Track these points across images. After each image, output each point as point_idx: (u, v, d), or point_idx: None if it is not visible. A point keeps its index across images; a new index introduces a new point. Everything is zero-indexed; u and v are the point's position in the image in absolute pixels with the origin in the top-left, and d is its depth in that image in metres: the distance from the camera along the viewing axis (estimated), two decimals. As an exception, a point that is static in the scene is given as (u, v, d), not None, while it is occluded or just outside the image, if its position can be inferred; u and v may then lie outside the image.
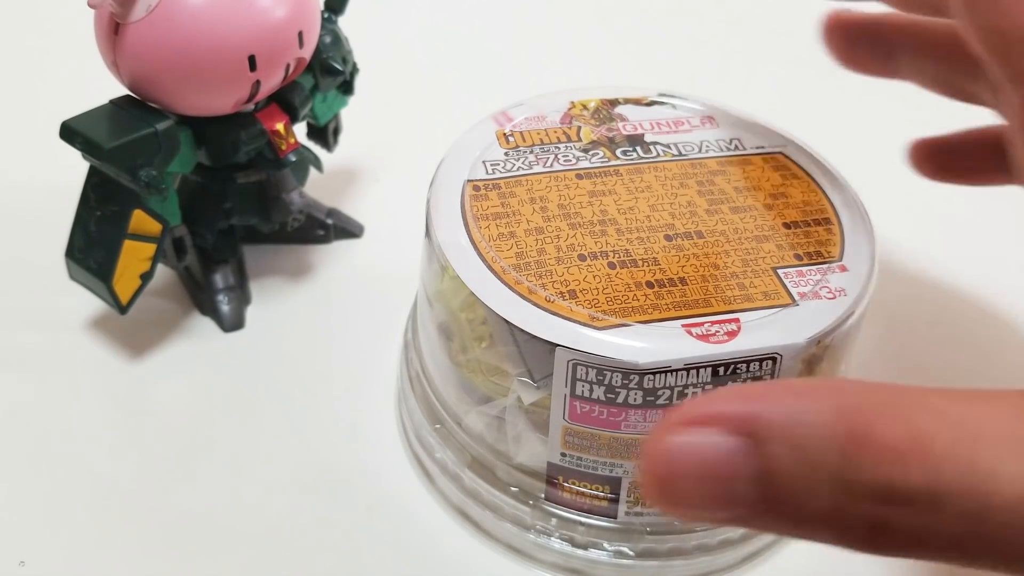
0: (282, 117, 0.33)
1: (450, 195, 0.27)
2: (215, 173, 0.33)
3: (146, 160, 0.29)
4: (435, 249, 0.26)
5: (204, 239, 0.34)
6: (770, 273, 0.25)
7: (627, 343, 0.23)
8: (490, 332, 0.25)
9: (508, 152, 0.29)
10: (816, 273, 0.25)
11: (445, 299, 0.26)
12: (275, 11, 0.29)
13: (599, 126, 0.30)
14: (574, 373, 0.23)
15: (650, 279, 0.25)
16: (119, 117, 0.30)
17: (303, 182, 0.36)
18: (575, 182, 0.28)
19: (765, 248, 0.26)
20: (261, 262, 0.37)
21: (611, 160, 0.29)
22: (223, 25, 0.28)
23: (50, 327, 0.34)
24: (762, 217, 0.27)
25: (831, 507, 0.16)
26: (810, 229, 0.27)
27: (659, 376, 0.23)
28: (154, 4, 0.28)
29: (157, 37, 0.28)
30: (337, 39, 0.34)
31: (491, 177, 0.28)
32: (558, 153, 0.29)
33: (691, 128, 0.30)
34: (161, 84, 0.29)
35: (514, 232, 0.26)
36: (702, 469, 0.17)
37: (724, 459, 0.17)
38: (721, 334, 0.23)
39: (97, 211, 0.31)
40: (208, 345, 0.34)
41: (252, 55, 0.29)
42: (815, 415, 0.16)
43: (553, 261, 0.25)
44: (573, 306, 0.24)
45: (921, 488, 0.16)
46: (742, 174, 0.28)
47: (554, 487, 0.26)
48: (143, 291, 0.32)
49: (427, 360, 0.29)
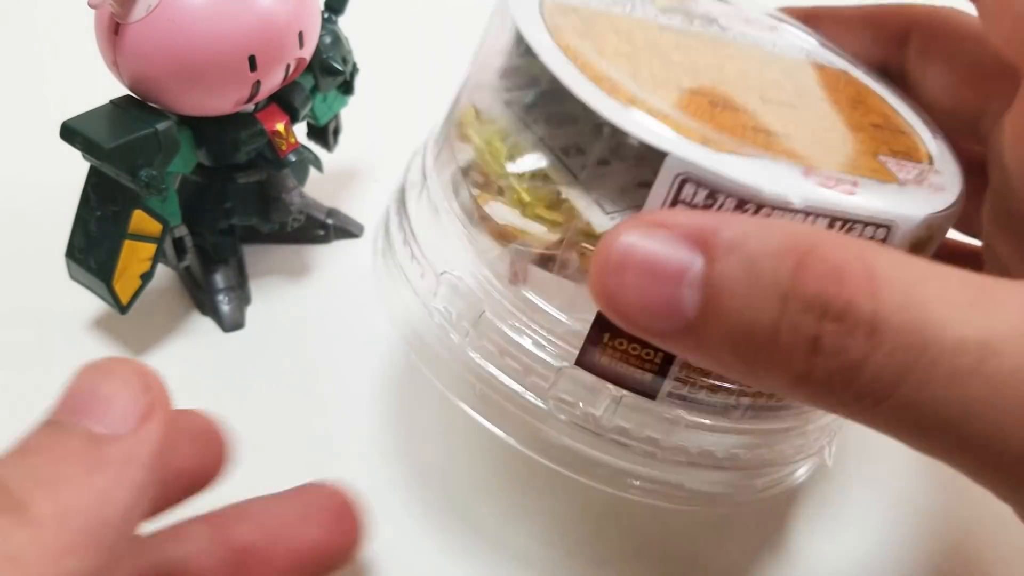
0: (282, 117, 0.33)
1: (525, 7, 0.23)
2: (215, 173, 0.33)
3: (146, 160, 0.29)
4: (504, 37, 0.23)
5: (204, 239, 0.34)
6: (871, 156, 0.23)
7: (746, 169, 0.20)
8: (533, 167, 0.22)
9: None
10: (914, 169, 0.23)
11: (484, 131, 0.24)
12: (275, 11, 0.29)
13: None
14: (679, 192, 0.20)
15: (755, 124, 0.22)
16: (119, 117, 0.30)
17: (303, 182, 0.36)
18: (658, 32, 0.25)
19: (859, 137, 0.24)
20: (261, 262, 0.37)
21: (690, 26, 0.26)
22: (223, 25, 0.28)
23: (50, 327, 0.34)
24: (849, 113, 0.25)
25: (772, 320, 0.16)
26: (897, 134, 0.25)
27: (776, 212, 0.20)
28: (154, 4, 0.28)
29: (157, 37, 0.28)
30: (337, 39, 0.34)
31: (566, 2, 0.24)
32: (635, 4, 0.26)
33: (760, 31, 0.28)
34: (161, 84, 0.29)
35: (602, 50, 0.22)
36: (649, 266, 0.17)
37: (673, 260, 0.17)
38: (841, 187, 0.21)
39: (97, 211, 0.31)
40: (208, 345, 0.34)
41: (252, 55, 0.29)
42: (769, 236, 0.17)
43: (649, 85, 0.22)
44: (679, 126, 0.20)
45: (863, 309, 0.16)
46: (819, 75, 0.27)
47: (595, 346, 0.22)
48: (143, 291, 0.32)
49: (422, 225, 0.26)
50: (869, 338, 0.16)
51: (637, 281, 0.17)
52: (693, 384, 0.22)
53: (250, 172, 0.34)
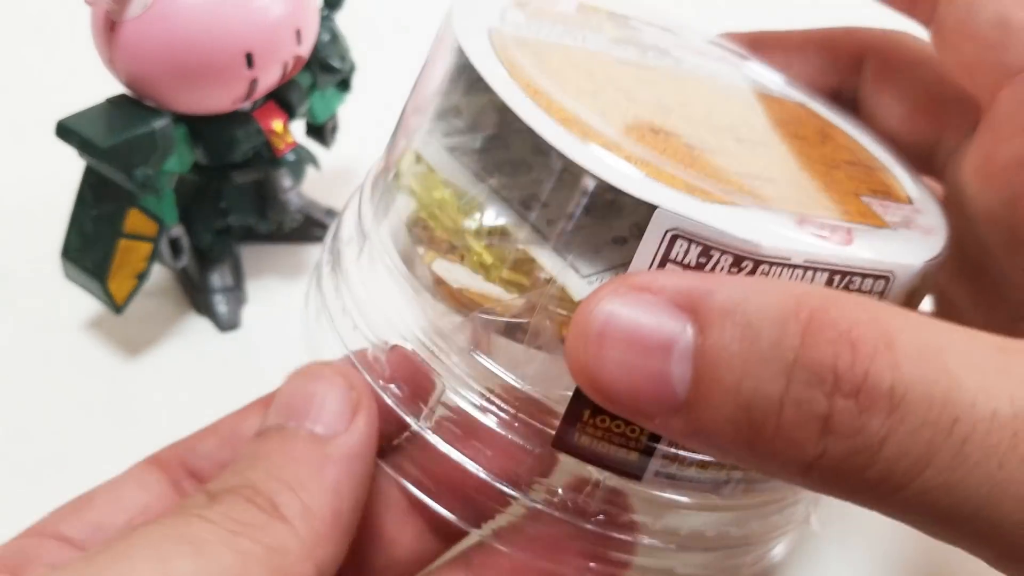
0: (280, 115, 0.33)
1: (475, 38, 0.21)
2: (212, 172, 0.33)
3: (142, 159, 0.29)
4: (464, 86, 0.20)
5: (201, 239, 0.34)
6: (855, 198, 0.21)
7: (740, 222, 0.17)
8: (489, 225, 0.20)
9: (530, 19, 0.22)
10: (898, 210, 0.21)
11: (427, 181, 0.21)
12: (272, 8, 0.29)
13: (619, 28, 0.25)
14: (669, 250, 0.17)
15: (737, 169, 0.20)
16: (116, 116, 0.29)
17: (301, 181, 0.36)
18: (616, 66, 0.22)
19: (837, 175, 0.22)
20: (258, 261, 0.37)
21: (644, 57, 0.23)
22: (220, 23, 0.28)
23: (45, 326, 0.34)
24: (820, 148, 0.23)
25: (776, 395, 0.14)
26: (871, 171, 0.23)
27: (775, 270, 0.17)
28: (150, 2, 0.28)
29: (153, 35, 0.28)
30: (335, 37, 0.34)
31: (517, 35, 0.21)
32: (585, 35, 0.23)
33: (711, 62, 0.26)
34: (157, 82, 0.29)
35: (564, 87, 0.20)
36: (633, 338, 0.15)
37: (659, 331, 0.15)
38: (837, 236, 0.19)
39: (93, 210, 0.31)
40: (204, 345, 0.34)
41: (249, 53, 0.29)
42: (768, 297, 0.15)
43: (620, 127, 0.19)
44: (661, 174, 0.18)
45: (881, 381, 0.14)
46: (782, 108, 0.25)
47: (572, 426, 0.19)
48: (139, 291, 0.32)
49: (361, 289, 0.23)
50: (889, 415, 0.14)
51: (620, 356, 0.16)
52: (683, 461, 0.19)
53: (247, 171, 0.34)
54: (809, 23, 0.27)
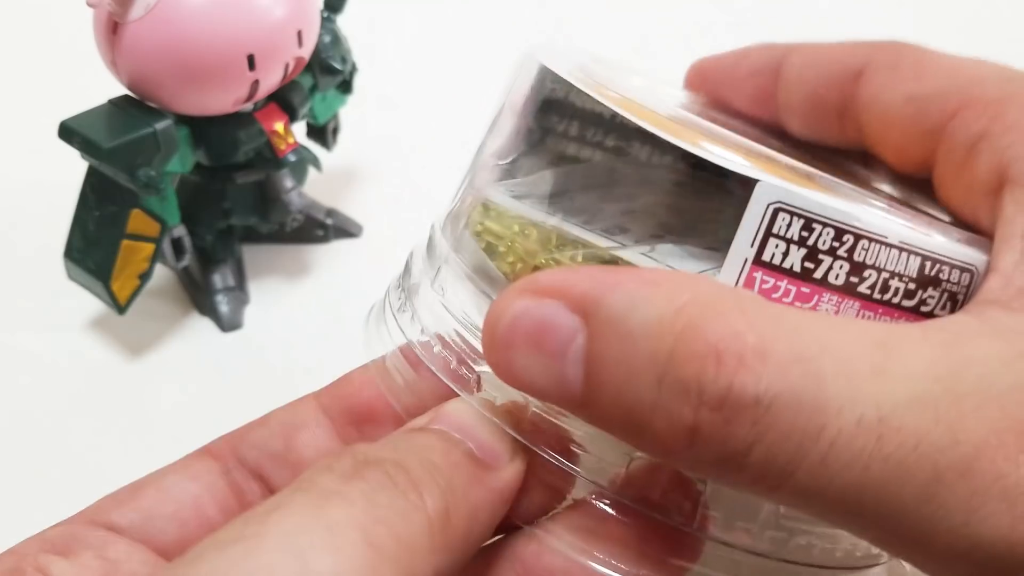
0: (281, 117, 0.33)
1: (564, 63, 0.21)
2: (214, 173, 0.33)
3: (145, 160, 0.29)
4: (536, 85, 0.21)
5: (203, 239, 0.34)
6: (909, 205, 0.22)
7: (838, 199, 0.18)
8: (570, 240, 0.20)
9: (610, 71, 0.23)
10: (947, 216, 0.22)
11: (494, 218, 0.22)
12: (274, 10, 0.29)
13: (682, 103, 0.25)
14: (771, 223, 0.18)
15: (808, 172, 0.20)
16: (118, 117, 0.29)
17: (302, 182, 0.36)
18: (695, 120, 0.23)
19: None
20: (260, 262, 0.37)
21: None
22: (222, 24, 0.28)
23: (49, 327, 0.34)
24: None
25: (650, 402, 0.15)
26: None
27: (873, 248, 0.18)
28: (152, 3, 0.28)
29: (156, 37, 0.28)
30: (336, 38, 0.34)
31: (600, 81, 0.22)
32: (660, 98, 0.24)
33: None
34: (160, 83, 0.29)
35: (656, 112, 0.20)
36: (536, 338, 0.16)
37: (558, 333, 0.16)
38: (924, 225, 0.19)
39: (96, 211, 0.31)
40: (206, 345, 0.34)
41: (251, 54, 0.29)
42: (654, 305, 0.16)
43: (719, 135, 0.20)
44: (756, 159, 0.18)
45: (746, 393, 0.15)
46: None
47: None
48: (141, 291, 0.32)
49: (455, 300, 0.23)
50: (755, 424, 0.15)
51: (526, 355, 0.17)
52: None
53: (249, 172, 0.34)
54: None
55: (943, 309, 0.19)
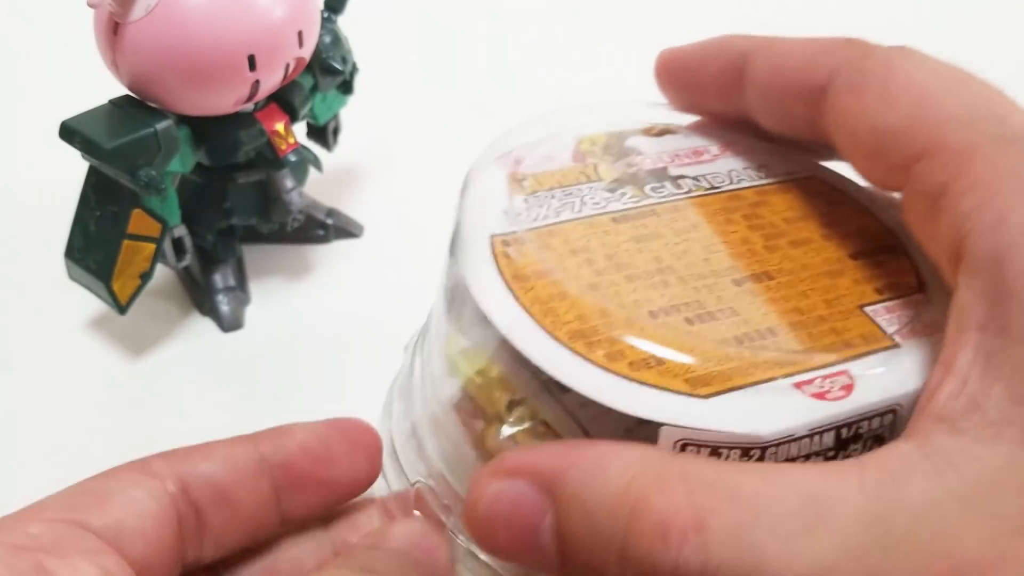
0: (282, 117, 0.33)
1: (477, 256, 0.22)
2: (215, 173, 0.33)
3: (146, 160, 0.29)
4: (474, 319, 0.22)
5: (204, 239, 0.34)
6: (858, 313, 0.21)
7: (740, 412, 0.19)
8: (532, 414, 0.21)
9: (528, 199, 0.23)
10: (902, 307, 0.21)
11: (465, 369, 0.23)
12: (274, 11, 0.29)
13: (616, 162, 0.25)
14: (683, 451, 0.19)
15: (736, 333, 0.21)
16: (118, 117, 0.30)
17: (303, 182, 0.36)
18: (613, 227, 0.23)
19: (841, 284, 0.22)
20: (260, 262, 0.37)
21: (643, 198, 0.24)
22: (222, 25, 0.28)
23: (50, 327, 0.34)
24: (824, 249, 0.23)
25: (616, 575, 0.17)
26: (878, 258, 0.23)
27: (783, 447, 0.19)
28: (153, 4, 0.28)
29: (156, 37, 0.28)
30: (337, 39, 0.34)
31: (517, 230, 0.23)
32: (583, 196, 0.24)
33: (712, 157, 0.26)
34: (160, 84, 0.29)
35: (565, 293, 0.21)
36: (511, 518, 0.18)
37: (529, 511, 0.18)
38: (836, 389, 0.19)
39: (96, 211, 0.31)
40: (207, 345, 0.34)
41: (252, 55, 0.29)
42: (608, 482, 0.17)
43: (621, 323, 0.20)
44: (662, 374, 0.19)
45: (691, 567, 0.16)
46: (785, 203, 0.25)
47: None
48: (142, 291, 0.32)
49: (431, 447, 0.24)
50: None
51: (505, 532, 0.18)
52: None
53: (250, 172, 0.34)
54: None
55: (868, 451, 0.18)
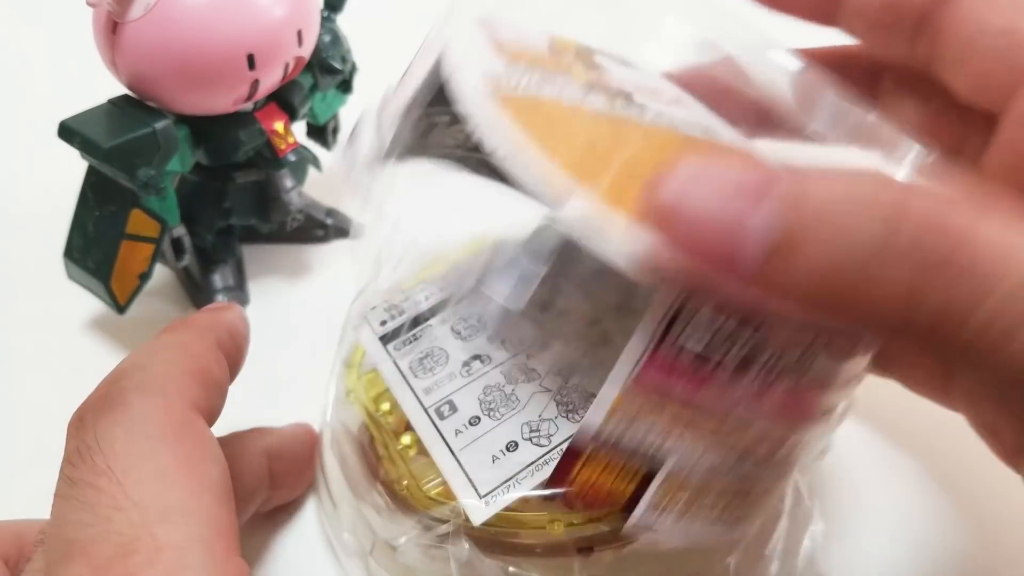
0: (281, 116, 0.33)
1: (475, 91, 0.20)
2: (214, 172, 0.33)
3: (144, 160, 0.29)
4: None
5: (203, 239, 0.34)
6: None
7: None
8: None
9: (509, 67, 0.21)
10: None
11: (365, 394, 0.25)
12: (274, 10, 0.29)
13: (587, 71, 0.24)
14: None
15: None
16: (117, 116, 0.29)
17: (302, 181, 0.36)
18: (595, 120, 0.21)
19: None
20: (260, 262, 0.37)
21: (614, 109, 0.23)
22: (222, 24, 0.28)
23: (48, 327, 0.34)
24: None
25: (877, 244, 0.15)
26: None
27: None
28: (152, 3, 0.28)
29: (155, 36, 0.28)
30: (336, 38, 0.34)
31: (501, 88, 0.21)
32: (560, 86, 0.22)
33: (667, 103, 0.24)
34: (159, 83, 0.29)
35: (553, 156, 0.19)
36: (728, 179, 0.15)
37: (755, 177, 0.15)
38: None
39: (95, 211, 0.31)
40: (207, 345, 0.34)
41: (251, 54, 0.29)
42: (868, 184, 0.15)
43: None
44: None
45: (969, 256, 0.15)
46: None
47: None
48: (141, 291, 0.32)
49: (334, 482, 0.27)
50: (978, 286, 0.15)
51: (710, 193, 0.15)
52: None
53: (249, 171, 0.34)
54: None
55: None
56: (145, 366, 0.21)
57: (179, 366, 0.22)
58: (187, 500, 0.18)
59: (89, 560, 0.17)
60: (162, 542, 0.17)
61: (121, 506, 0.18)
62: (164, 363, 0.21)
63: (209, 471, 0.20)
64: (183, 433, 0.20)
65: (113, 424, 0.20)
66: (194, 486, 0.19)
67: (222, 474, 0.20)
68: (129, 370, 0.21)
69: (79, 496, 0.18)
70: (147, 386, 0.21)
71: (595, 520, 0.22)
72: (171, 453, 0.19)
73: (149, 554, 0.17)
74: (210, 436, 0.21)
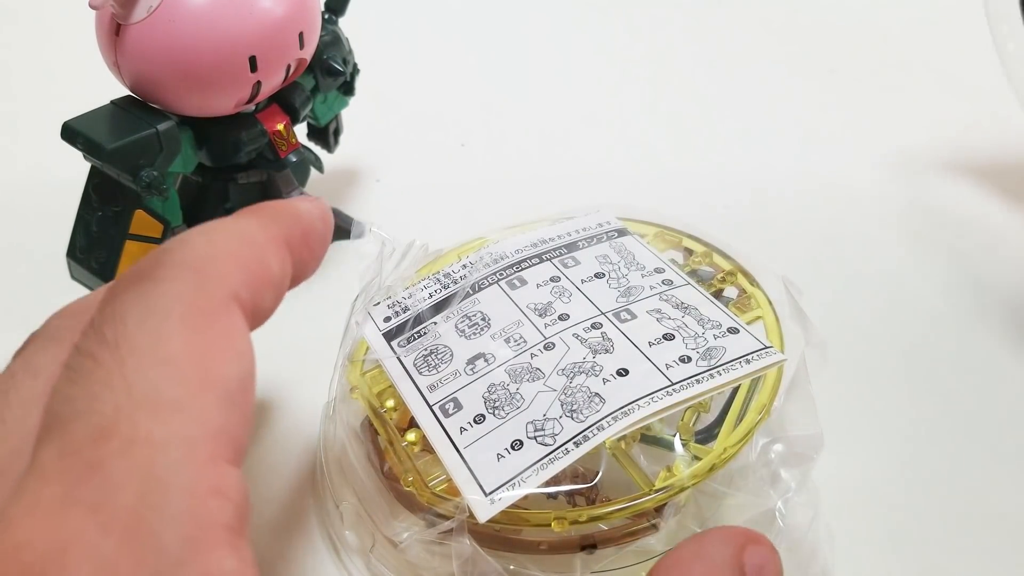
0: (283, 118, 0.33)
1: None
2: (216, 174, 0.33)
3: (147, 161, 0.29)
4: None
5: (205, 239, 0.34)
6: None
7: None
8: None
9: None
10: None
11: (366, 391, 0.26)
12: (276, 12, 0.29)
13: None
14: None
15: None
16: (120, 118, 0.30)
17: (304, 183, 0.36)
18: None
19: None
20: (262, 262, 0.37)
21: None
22: (224, 26, 0.28)
23: (51, 327, 0.34)
24: None
25: None
26: None
27: None
28: (155, 5, 0.28)
29: (158, 38, 0.28)
30: (338, 40, 0.34)
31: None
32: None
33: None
34: (162, 85, 0.29)
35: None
36: None
37: None
38: None
39: (99, 211, 0.31)
40: (209, 345, 0.34)
41: (253, 56, 0.29)
42: None
43: None
44: None
45: None
46: None
47: None
48: (144, 291, 0.32)
49: (336, 479, 0.27)
50: None
51: None
52: None
53: (251, 172, 0.34)
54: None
55: None
56: (194, 244, 0.19)
57: (229, 251, 0.19)
58: (184, 395, 0.16)
59: (63, 445, 0.16)
60: (140, 434, 0.15)
61: (113, 384, 0.16)
62: (212, 244, 0.19)
63: (225, 370, 0.17)
64: (209, 322, 0.18)
65: (137, 296, 0.17)
66: (199, 381, 0.17)
67: (241, 375, 0.18)
68: (175, 245, 0.19)
69: (77, 366, 0.17)
70: (186, 264, 0.18)
71: (598, 518, 0.23)
72: (185, 341, 0.17)
73: (123, 444, 0.15)
74: (242, 332, 0.19)
